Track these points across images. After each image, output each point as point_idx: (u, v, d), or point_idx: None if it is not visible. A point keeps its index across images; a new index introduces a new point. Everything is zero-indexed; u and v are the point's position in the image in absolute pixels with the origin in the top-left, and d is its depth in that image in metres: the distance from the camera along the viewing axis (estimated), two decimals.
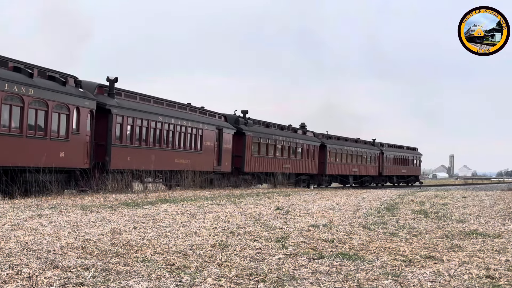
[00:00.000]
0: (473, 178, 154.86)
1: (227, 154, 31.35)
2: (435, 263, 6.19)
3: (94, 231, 8.29)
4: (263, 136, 35.27)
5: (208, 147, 29.38)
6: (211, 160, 29.73)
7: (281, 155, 37.56)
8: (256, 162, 34.19)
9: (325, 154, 43.55)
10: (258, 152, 34.60)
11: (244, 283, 5.06)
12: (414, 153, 63.35)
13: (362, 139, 52.39)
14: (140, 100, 24.77)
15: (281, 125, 39.23)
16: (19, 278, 5.05)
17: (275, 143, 36.72)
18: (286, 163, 37.86)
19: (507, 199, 19.44)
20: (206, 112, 30.55)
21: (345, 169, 46.97)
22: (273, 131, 37.22)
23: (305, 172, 40.49)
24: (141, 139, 24.18)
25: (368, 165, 51.27)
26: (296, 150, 39.68)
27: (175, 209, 12.75)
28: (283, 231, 8.74)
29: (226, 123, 32.02)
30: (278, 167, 36.54)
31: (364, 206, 14.85)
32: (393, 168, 56.61)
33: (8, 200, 15.27)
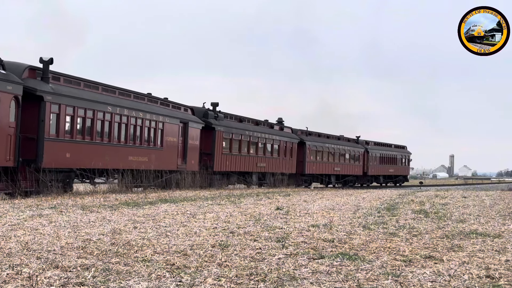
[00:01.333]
0: (473, 178, 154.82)
1: (194, 151, 28.10)
2: (435, 263, 6.19)
3: (94, 231, 8.29)
4: (235, 132, 31.74)
5: (171, 143, 25.97)
6: (174, 157, 26.26)
7: (256, 153, 34.06)
8: (227, 161, 30.84)
9: (304, 152, 40.21)
10: (230, 149, 31.14)
11: (244, 283, 5.06)
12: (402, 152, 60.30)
13: (345, 137, 48.94)
14: (85, 87, 20.80)
15: (256, 119, 35.64)
16: (19, 278, 5.05)
17: (249, 140, 33.13)
18: (261, 162, 34.57)
19: (507, 199, 19.44)
20: (169, 104, 26.92)
21: (327, 168, 43.64)
22: (247, 126, 33.58)
23: (282, 171, 36.96)
24: (84, 132, 20.38)
25: (351, 164, 47.99)
26: (273, 148, 36.30)
27: (175, 209, 12.75)
28: (283, 231, 8.74)
29: (193, 116, 28.56)
30: (253, 166, 33.42)
31: (364, 206, 14.84)
32: (379, 168, 53.32)
33: (8, 200, 15.26)
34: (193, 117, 28.34)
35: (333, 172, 44.60)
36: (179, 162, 26.67)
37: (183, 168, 26.88)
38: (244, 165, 32.60)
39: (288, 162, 38.22)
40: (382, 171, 54.07)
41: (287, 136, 38.57)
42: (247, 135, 32.99)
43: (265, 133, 35.31)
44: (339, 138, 47.44)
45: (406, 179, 61.41)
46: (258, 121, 35.59)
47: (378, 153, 53.01)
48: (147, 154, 24.14)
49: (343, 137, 48.19)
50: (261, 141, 34.81)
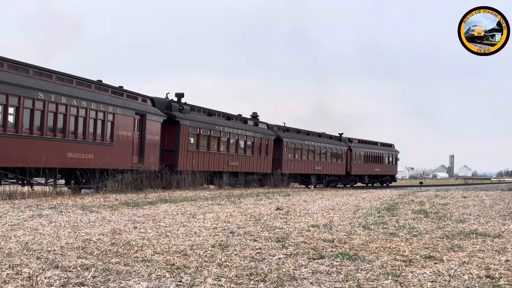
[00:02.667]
0: (473, 178, 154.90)
1: (154, 148, 24.61)
2: (435, 263, 6.19)
3: (94, 231, 8.29)
4: (203, 127, 28.62)
5: (124, 138, 22.52)
6: (128, 154, 22.84)
7: (227, 151, 30.88)
8: (194, 159, 27.71)
9: (281, 150, 37.30)
10: (197, 146, 28.09)
11: (244, 283, 5.06)
12: (389, 150, 56.86)
13: (327, 134, 46.07)
14: (10, 69, 17.58)
15: (227, 113, 32.28)
16: (19, 278, 5.05)
17: (219, 136, 30.06)
18: (233, 160, 31.51)
19: (507, 199, 19.44)
20: (123, 93, 23.21)
21: (306, 167, 40.68)
22: (217, 120, 30.37)
23: (256, 171, 34.24)
24: (6, 123, 17.19)
25: (333, 163, 44.97)
26: (246, 145, 33.07)
27: (175, 209, 12.75)
28: (283, 231, 8.74)
29: (153, 108, 25.03)
30: (223, 165, 30.42)
31: (364, 206, 14.85)
32: (363, 167, 50.26)
33: (8, 200, 15.27)
34: (152, 109, 24.86)
35: (313, 172, 41.80)
36: (134, 160, 23.32)
37: (140, 167, 23.56)
38: (214, 163, 29.61)
39: (263, 161, 35.31)
40: (367, 171, 51.24)
41: (262, 132, 35.61)
42: (217, 130, 29.95)
43: (238, 129, 32.15)
44: (320, 135, 44.55)
45: (393, 179, 58.58)
46: (229, 115, 32.36)
47: (363, 151, 50.18)
48: (93, 151, 20.76)
49: (325, 134, 45.59)
50: (233, 137, 31.61)
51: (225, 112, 31.97)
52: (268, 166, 36.02)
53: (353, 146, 48.52)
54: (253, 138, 33.89)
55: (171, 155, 26.47)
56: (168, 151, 26.37)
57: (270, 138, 36.30)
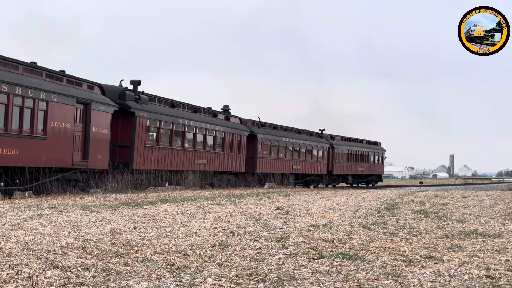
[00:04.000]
0: (473, 178, 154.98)
1: (102, 143, 21.00)
2: (435, 263, 6.20)
3: (94, 231, 8.29)
4: (165, 119, 25.25)
5: (62, 131, 18.98)
6: (67, 150, 19.29)
7: (193, 147, 27.69)
8: (153, 156, 24.38)
9: (255, 147, 33.92)
10: (157, 142, 24.80)
11: (244, 283, 5.06)
12: (375, 148, 53.50)
13: (307, 130, 42.82)
14: None
15: (194, 105, 29.01)
16: (19, 278, 5.05)
17: (183, 130, 26.80)
18: (201, 158, 28.35)
19: (507, 199, 19.44)
20: (63, 78, 19.60)
21: (283, 166, 37.52)
22: (181, 113, 27.06)
23: (227, 170, 31.17)
24: None
25: (313, 161, 41.94)
26: (215, 141, 29.91)
27: (175, 209, 12.75)
28: (283, 231, 8.75)
29: (101, 96, 21.38)
30: (188, 163, 27.24)
31: (364, 206, 14.85)
32: (347, 166, 47.15)
33: (8, 200, 15.27)
34: (100, 97, 21.17)
35: (291, 171, 38.57)
36: (76, 156, 19.82)
37: (83, 165, 20.18)
38: (177, 162, 26.29)
39: (236, 159, 31.99)
40: (351, 170, 48.12)
41: (235, 127, 32.21)
42: (181, 124, 26.55)
43: (206, 123, 28.86)
44: (300, 131, 41.42)
45: (380, 179, 55.60)
46: (197, 108, 29.12)
47: (346, 149, 47.08)
48: (18, 145, 17.29)
49: (305, 131, 42.43)
50: (200, 132, 28.42)
51: (191, 104, 28.77)
52: (241, 165, 32.74)
53: (336, 143, 45.60)
54: (223, 134, 30.61)
55: (125, 152, 23.04)
56: (122, 147, 22.98)
57: (243, 134, 32.97)
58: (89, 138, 20.38)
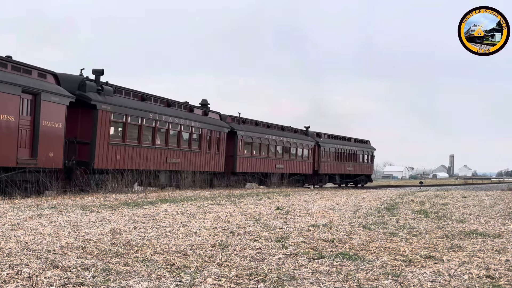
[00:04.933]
0: (473, 178, 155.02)
1: (54, 139, 18.45)
2: (435, 263, 6.20)
3: (94, 231, 8.29)
4: (132, 113, 22.52)
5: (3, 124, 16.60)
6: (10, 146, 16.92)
7: (165, 144, 25.06)
8: (118, 154, 21.71)
9: (235, 145, 31.61)
10: (123, 138, 22.09)
11: (244, 283, 5.06)
12: (364, 147, 50.96)
13: (292, 127, 40.28)
14: None
15: (168, 99, 26.33)
16: (19, 278, 5.05)
17: (154, 125, 24.05)
18: (174, 156, 25.70)
19: (507, 199, 19.45)
20: (7, 64, 17.07)
21: (265, 165, 35.05)
22: (151, 107, 24.25)
23: (204, 169, 28.52)
24: None
25: (298, 160, 39.54)
26: (191, 138, 27.44)
27: (175, 209, 12.75)
28: (283, 231, 8.75)
29: (55, 86, 18.72)
30: (160, 162, 24.60)
31: (364, 206, 14.85)
32: (334, 165, 44.78)
33: (8, 200, 15.27)
34: (54, 87, 18.51)
35: (274, 170, 35.96)
36: (21, 154, 17.32)
37: (32, 163, 17.71)
38: (147, 160, 23.62)
39: (214, 158, 29.55)
40: (338, 169, 45.72)
41: (213, 123, 29.73)
42: (152, 119, 23.86)
43: (181, 118, 26.32)
44: (283, 129, 38.81)
45: (369, 179, 52.96)
46: (170, 101, 26.39)
47: (333, 147, 44.69)
48: None
49: (289, 128, 39.91)
50: (174, 128, 25.78)
51: (164, 97, 26.14)
52: (220, 164, 30.29)
53: (322, 141, 43.07)
54: (200, 130, 28.06)
55: (85, 149, 20.43)
56: (82, 144, 20.36)
57: (222, 131, 30.46)
58: (38, 133, 17.80)
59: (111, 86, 21.79)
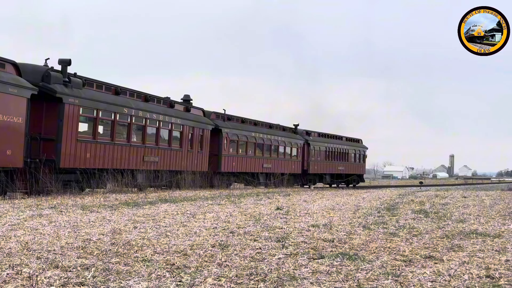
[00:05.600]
0: (473, 178, 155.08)
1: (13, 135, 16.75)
2: (435, 263, 6.20)
3: (94, 231, 8.29)
4: (104, 108, 20.74)
5: None
6: None
7: (142, 142, 23.24)
8: (88, 152, 20.01)
9: (220, 143, 30.06)
10: (94, 135, 20.34)
11: (244, 283, 5.06)
12: (356, 146, 49.15)
13: (280, 125, 38.61)
14: None
15: (145, 93, 24.47)
16: (19, 278, 5.05)
17: (129, 121, 22.28)
18: (152, 155, 23.86)
19: (507, 199, 19.44)
20: None
21: (252, 164, 33.42)
22: (126, 101, 22.42)
23: (186, 169, 26.59)
24: None
25: (286, 159, 38.01)
26: (171, 135, 25.59)
27: (175, 209, 12.75)
28: (283, 231, 8.75)
29: (13, 76, 16.91)
30: (136, 161, 22.70)
31: (364, 206, 14.85)
32: (324, 165, 43.05)
33: (8, 200, 15.27)
34: (12, 78, 16.65)
35: (261, 170, 34.56)
36: None
37: None
38: (122, 159, 21.80)
39: (196, 156, 27.85)
40: (329, 169, 44.03)
41: (196, 120, 27.99)
42: (126, 114, 22.06)
43: (159, 114, 24.50)
44: (271, 127, 37.13)
45: (361, 179, 50.93)
46: (148, 96, 24.46)
47: (323, 146, 43.02)
48: None
49: (278, 126, 38.13)
50: (152, 124, 24.02)
51: (141, 91, 24.31)
52: (203, 163, 28.52)
53: (312, 140, 41.50)
54: (181, 127, 26.33)
55: (51, 147, 18.79)
56: (47, 141, 18.78)
57: (206, 128, 28.81)
58: None
59: (80, 78, 20.04)
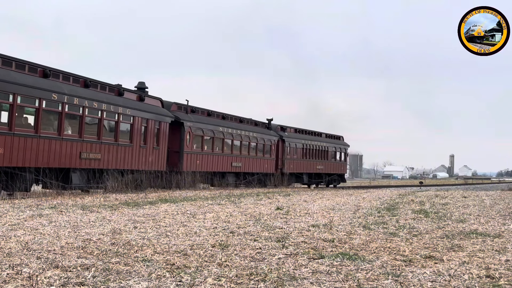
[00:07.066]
0: (473, 178, 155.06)
1: None
2: (435, 263, 6.20)
3: (94, 231, 8.29)
4: (24, 93, 17.15)
5: None
6: None
7: (80, 136, 19.67)
8: (1, 147, 16.49)
9: (182, 138, 26.74)
10: (10, 126, 16.76)
11: (244, 283, 5.06)
12: (336, 143, 45.58)
13: (253, 119, 35.17)
14: None
15: (84, 77, 20.64)
16: (19, 278, 5.05)
17: (62, 110, 18.75)
18: (93, 151, 20.35)
19: (507, 199, 19.44)
20: None
21: (219, 163, 30.06)
22: (57, 85, 18.69)
23: (138, 168, 23.12)
24: None
25: (259, 157, 34.47)
26: (118, 128, 21.77)
27: (175, 209, 12.75)
28: (283, 231, 8.75)
29: None
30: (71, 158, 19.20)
31: (364, 206, 14.85)
32: (301, 163, 39.64)
33: (8, 200, 15.27)
34: None
35: (230, 169, 31.27)
36: None
37: None
38: (49, 156, 18.30)
39: (152, 153, 24.22)
40: (306, 168, 40.47)
41: (151, 111, 24.28)
42: (56, 101, 18.43)
43: (102, 102, 20.75)
44: (242, 121, 33.63)
45: (342, 179, 47.16)
46: (89, 81, 20.61)
47: (300, 143, 39.49)
48: None
49: (249, 120, 34.78)
50: (92, 114, 20.40)
51: (79, 75, 20.48)
52: (160, 161, 25.05)
53: (287, 136, 38.07)
54: (132, 119, 22.70)
55: None
56: None
57: (163, 121, 25.22)
58: None
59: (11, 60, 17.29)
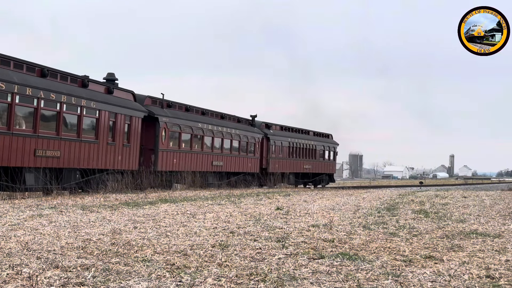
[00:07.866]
0: (473, 178, 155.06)
1: None
2: (435, 263, 6.20)
3: (94, 231, 8.29)
4: None
5: None
6: None
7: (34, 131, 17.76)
8: None
9: (156, 135, 24.70)
10: None
11: (244, 283, 5.06)
12: (325, 142, 43.79)
13: (235, 116, 33.22)
14: None
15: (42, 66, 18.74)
16: (19, 278, 5.05)
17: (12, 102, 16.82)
18: (50, 148, 18.39)
19: (507, 199, 19.44)
20: None
21: (199, 162, 27.93)
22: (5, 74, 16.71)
23: (104, 167, 21.29)
24: None
25: (242, 156, 32.52)
26: (81, 123, 19.91)
27: (175, 209, 12.75)
28: (283, 231, 8.75)
29: None
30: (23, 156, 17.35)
31: (364, 206, 14.85)
32: (287, 163, 37.49)
33: (8, 200, 15.27)
34: None
35: (210, 169, 29.21)
36: None
37: None
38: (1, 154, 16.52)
39: (121, 151, 22.18)
40: (292, 167, 38.42)
41: (121, 104, 22.28)
42: (5, 91, 16.58)
43: (62, 94, 18.88)
44: (223, 117, 31.58)
45: (331, 179, 45.34)
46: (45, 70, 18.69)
47: (286, 141, 37.49)
48: None
49: (232, 116, 32.78)
50: (50, 107, 18.50)
51: (34, 63, 18.56)
52: (131, 160, 22.92)
53: (272, 134, 36.03)
54: (98, 113, 20.82)
55: None
56: None
57: (135, 115, 23.20)
58: None
59: None
